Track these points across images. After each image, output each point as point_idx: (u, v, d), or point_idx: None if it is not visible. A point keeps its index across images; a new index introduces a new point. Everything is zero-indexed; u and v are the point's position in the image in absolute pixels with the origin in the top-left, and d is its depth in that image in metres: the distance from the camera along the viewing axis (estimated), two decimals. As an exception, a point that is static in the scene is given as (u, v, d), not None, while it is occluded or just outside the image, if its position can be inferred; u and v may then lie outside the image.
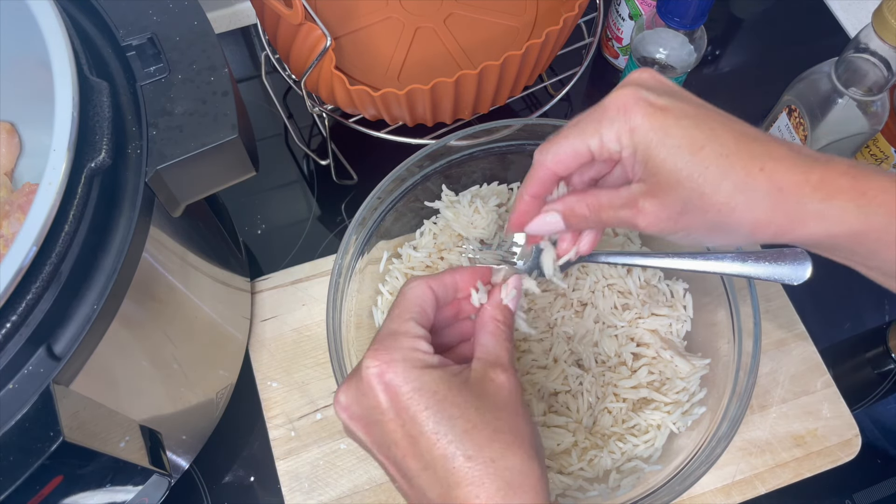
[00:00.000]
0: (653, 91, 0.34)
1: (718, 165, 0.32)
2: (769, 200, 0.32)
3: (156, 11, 0.40)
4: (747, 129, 0.33)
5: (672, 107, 0.33)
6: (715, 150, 0.32)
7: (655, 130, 0.33)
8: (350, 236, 0.50)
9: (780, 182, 0.31)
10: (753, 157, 0.32)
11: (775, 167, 0.32)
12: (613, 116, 0.34)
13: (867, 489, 0.55)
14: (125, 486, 0.38)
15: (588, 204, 0.37)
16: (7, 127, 0.43)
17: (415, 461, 0.33)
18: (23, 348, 0.32)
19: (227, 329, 0.52)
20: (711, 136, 0.32)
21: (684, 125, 0.33)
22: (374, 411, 0.34)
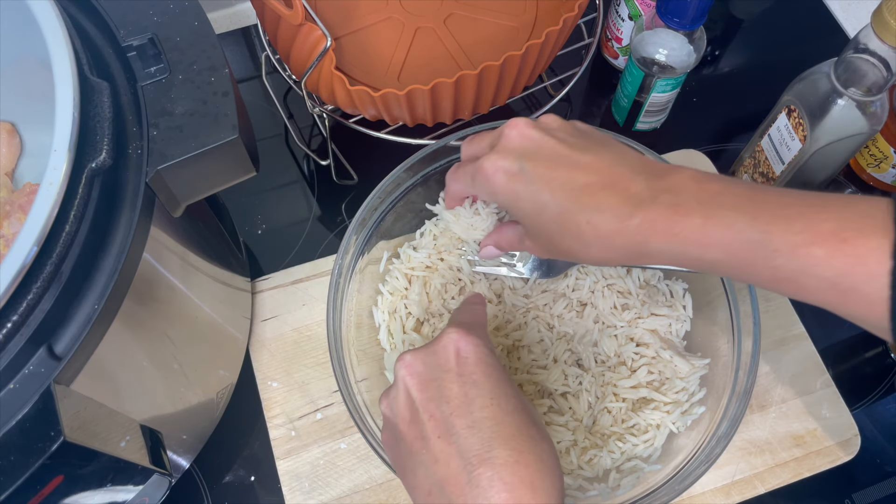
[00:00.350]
0: (512, 155, 0.40)
1: (557, 222, 0.39)
2: (598, 245, 0.38)
3: (156, 12, 0.40)
4: (587, 180, 0.38)
5: (524, 172, 0.39)
6: (554, 211, 0.39)
7: (509, 196, 0.40)
8: (350, 236, 0.50)
9: (604, 231, 0.37)
10: (583, 212, 0.38)
11: (599, 219, 0.37)
12: (481, 181, 0.41)
13: (867, 489, 0.55)
14: (126, 486, 0.38)
15: (505, 239, 0.47)
16: (8, 127, 0.43)
17: (462, 419, 0.35)
18: (23, 348, 0.32)
19: (227, 329, 0.52)
20: (551, 197, 0.38)
21: (532, 190, 0.39)
22: (438, 370, 0.38)
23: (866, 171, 0.65)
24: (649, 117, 0.66)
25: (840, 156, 0.56)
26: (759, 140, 0.60)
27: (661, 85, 0.61)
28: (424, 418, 0.36)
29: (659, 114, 0.66)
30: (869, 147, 0.63)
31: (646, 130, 0.68)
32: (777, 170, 0.58)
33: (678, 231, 0.36)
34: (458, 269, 0.53)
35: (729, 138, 0.69)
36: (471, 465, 0.34)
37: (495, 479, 0.33)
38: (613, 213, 0.37)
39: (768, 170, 0.60)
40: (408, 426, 0.37)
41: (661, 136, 0.69)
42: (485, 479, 0.33)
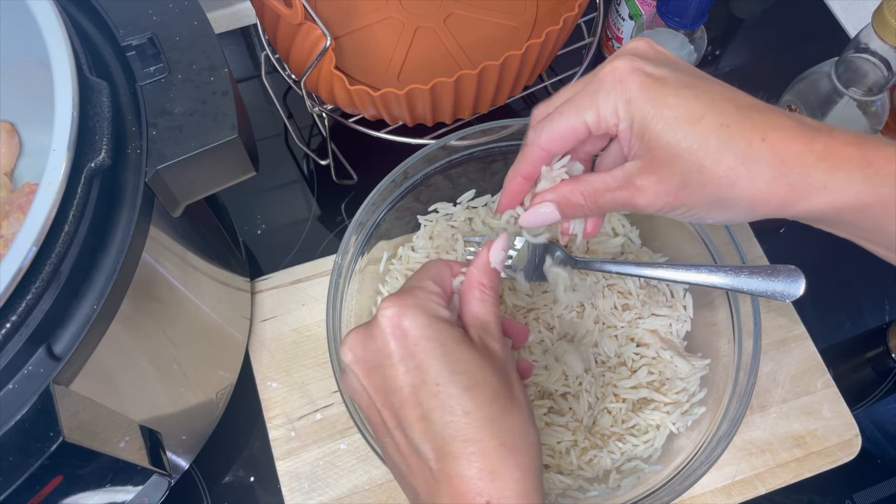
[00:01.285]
0: (650, 61, 0.33)
1: (718, 136, 0.31)
2: (771, 172, 0.30)
3: (156, 11, 0.40)
4: (750, 100, 0.32)
5: (670, 77, 0.32)
6: (715, 121, 0.31)
7: (653, 101, 0.32)
8: (350, 236, 0.50)
9: (783, 152, 0.30)
10: (755, 127, 0.31)
11: (778, 137, 0.30)
12: (610, 87, 0.33)
13: (867, 489, 0.55)
14: (125, 487, 0.38)
15: (583, 192, 0.35)
16: (7, 127, 0.43)
17: (413, 410, 0.33)
18: (23, 348, 0.32)
19: (227, 329, 0.52)
20: (711, 106, 0.31)
21: (683, 95, 0.32)
22: (379, 355, 0.34)
23: (867, 171, 0.65)
24: (649, 117, 0.66)
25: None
26: (760, 140, 0.60)
27: (661, 85, 0.61)
28: (379, 407, 0.34)
29: (659, 114, 0.65)
30: (869, 147, 0.63)
31: (646, 130, 0.68)
32: (777, 170, 0.58)
33: (873, 159, 0.30)
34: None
35: (729, 138, 0.69)
36: (429, 459, 0.32)
37: (453, 473, 0.32)
38: (795, 132, 0.30)
39: (769, 170, 0.60)
40: (368, 410, 0.35)
41: (661, 135, 0.69)
42: (443, 474, 0.32)
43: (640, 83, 0.32)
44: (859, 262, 0.63)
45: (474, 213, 0.56)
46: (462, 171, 0.55)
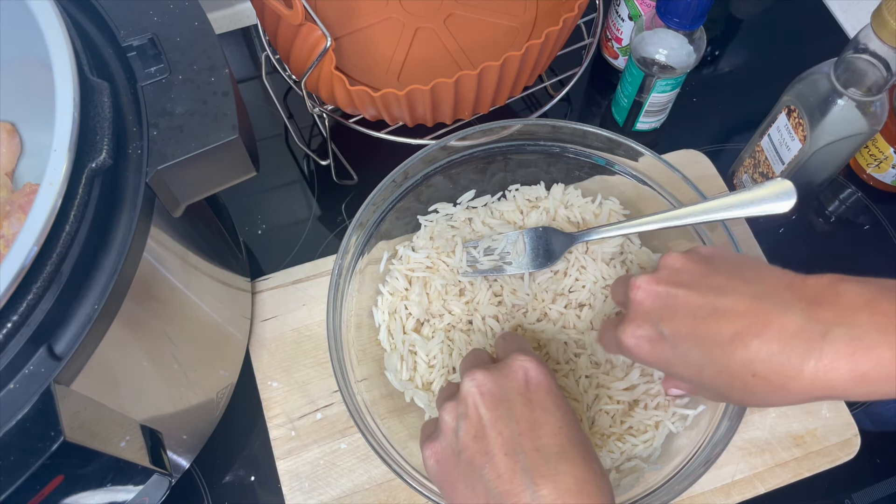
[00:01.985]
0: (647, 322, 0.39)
1: (720, 380, 0.36)
2: (773, 395, 0.35)
3: (156, 12, 0.40)
4: (734, 329, 0.35)
5: (664, 336, 0.38)
6: (712, 370, 0.36)
7: (660, 363, 0.39)
8: (350, 237, 0.50)
9: (776, 381, 0.34)
10: (744, 366, 0.35)
11: (765, 370, 0.34)
12: (628, 355, 0.41)
13: (867, 489, 0.55)
14: (126, 486, 0.38)
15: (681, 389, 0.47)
16: (8, 127, 0.43)
17: (531, 441, 0.36)
18: (24, 348, 0.32)
19: (227, 329, 0.52)
20: (705, 357, 0.37)
21: (680, 352, 0.38)
22: (511, 391, 0.38)
23: (866, 171, 0.65)
24: (649, 117, 0.66)
25: (840, 156, 0.56)
26: (759, 140, 0.60)
27: (661, 85, 0.61)
28: (492, 435, 0.36)
29: (659, 114, 0.66)
30: (869, 147, 0.63)
31: (646, 130, 0.68)
32: (777, 170, 0.58)
33: (866, 371, 0.32)
34: (458, 270, 0.53)
35: (729, 138, 0.69)
36: (534, 483, 0.34)
37: (558, 500, 0.34)
38: (778, 361, 0.34)
39: (768, 170, 0.60)
40: (472, 440, 0.37)
41: (661, 136, 0.69)
42: (549, 499, 0.34)
43: (644, 352, 0.39)
44: (859, 262, 0.63)
45: (474, 213, 0.56)
46: (462, 171, 0.55)
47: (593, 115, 0.71)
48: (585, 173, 0.56)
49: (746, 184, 0.63)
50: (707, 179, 0.63)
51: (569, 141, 0.54)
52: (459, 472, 0.37)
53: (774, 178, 0.43)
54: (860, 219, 0.66)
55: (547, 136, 0.54)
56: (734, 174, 0.66)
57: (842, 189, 0.67)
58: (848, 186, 0.67)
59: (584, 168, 0.55)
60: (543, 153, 0.55)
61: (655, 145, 0.69)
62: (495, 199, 0.57)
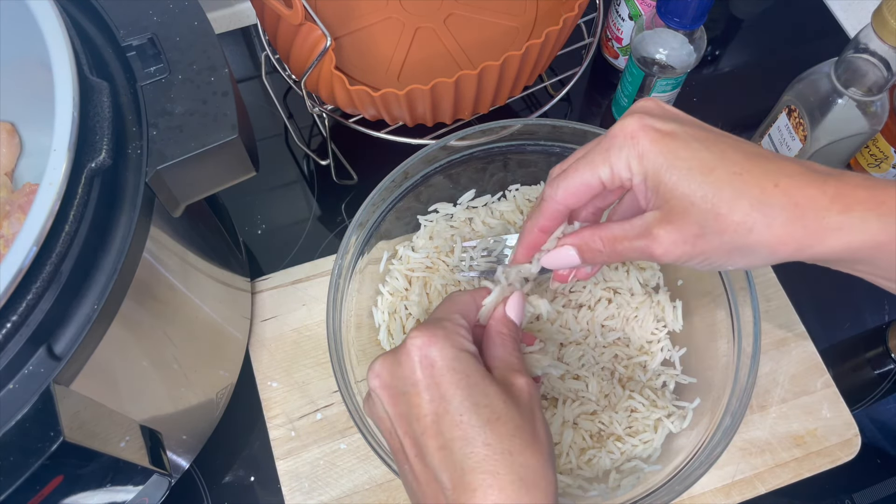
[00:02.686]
0: (658, 118, 0.34)
1: (732, 184, 0.32)
2: (786, 216, 0.31)
3: (156, 12, 0.40)
4: (757, 150, 0.33)
5: (679, 131, 0.33)
6: (727, 170, 0.32)
7: (665, 154, 0.33)
8: (350, 237, 0.50)
9: (797, 197, 0.31)
10: (767, 174, 0.32)
11: (790, 183, 0.31)
12: (622, 144, 0.34)
13: (867, 489, 0.55)
14: (125, 486, 0.38)
15: (602, 237, 0.36)
16: (7, 127, 0.43)
17: (434, 439, 0.34)
18: (23, 348, 0.32)
19: (227, 329, 0.52)
20: (722, 156, 0.32)
21: (693, 147, 0.33)
22: (405, 382, 0.35)
23: (867, 171, 0.65)
24: (649, 117, 0.66)
25: (840, 156, 0.56)
26: (760, 140, 0.60)
27: (661, 85, 0.61)
28: (400, 434, 0.35)
29: (659, 114, 0.65)
30: (869, 147, 0.63)
31: (646, 130, 0.68)
32: (777, 170, 0.58)
33: (885, 199, 0.30)
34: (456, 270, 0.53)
35: (729, 138, 0.69)
36: (447, 489, 0.33)
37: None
38: (806, 177, 0.31)
39: (768, 170, 0.60)
40: (389, 436, 0.36)
41: (661, 136, 0.69)
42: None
43: (651, 138, 0.33)
44: (859, 262, 0.63)
45: (474, 213, 0.56)
46: (462, 171, 0.55)
47: (593, 115, 0.71)
48: (585, 173, 0.56)
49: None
50: (707, 179, 0.63)
51: (569, 141, 0.54)
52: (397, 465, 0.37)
53: None
54: (860, 219, 0.65)
55: (547, 136, 0.54)
56: (734, 174, 0.65)
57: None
58: (848, 186, 0.67)
59: (585, 168, 0.55)
60: (543, 153, 0.55)
61: (655, 145, 0.68)
62: (495, 199, 0.57)
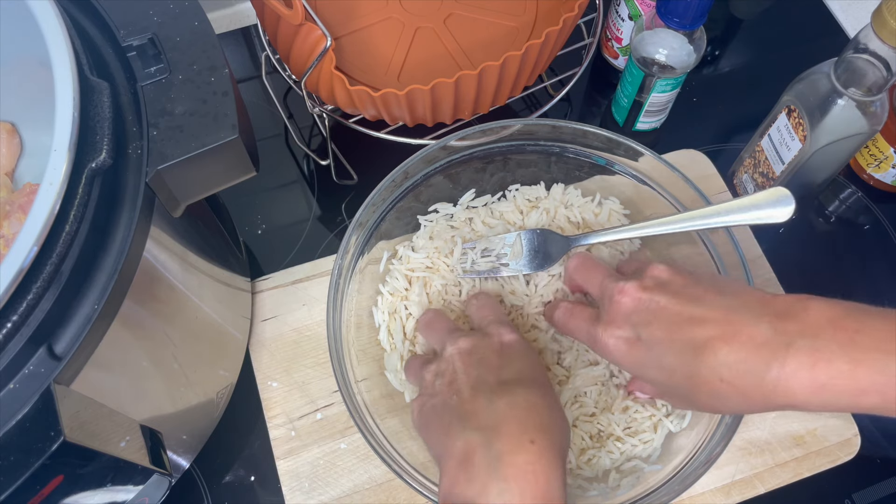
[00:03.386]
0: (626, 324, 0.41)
1: (689, 384, 0.38)
2: (737, 401, 0.37)
3: (156, 12, 0.40)
4: (708, 335, 0.37)
5: (641, 339, 0.40)
6: (682, 373, 0.38)
7: (634, 365, 0.41)
8: (350, 237, 0.50)
9: (741, 387, 0.36)
10: (712, 372, 0.37)
11: (732, 375, 0.36)
12: (601, 352, 0.43)
13: (867, 489, 0.55)
14: (126, 486, 0.38)
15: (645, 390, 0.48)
16: (7, 127, 0.43)
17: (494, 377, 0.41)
18: (23, 348, 0.32)
19: (227, 329, 0.52)
20: (677, 360, 0.38)
21: (655, 356, 0.39)
22: (485, 349, 0.43)
23: (866, 171, 0.65)
24: (649, 117, 0.66)
25: (840, 156, 0.56)
26: (759, 140, 0.60)
27: (661, 85, 0.61)
28: (462, 378, 0.41)
29: (659, 114, 0.66)
30: (869, 147, 0.63)
31: (646, 130, 0.68)
32: (777, 170, 0.58)
33: (824, 381, 0.34)
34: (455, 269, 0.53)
35: (729, 138, 0.69)
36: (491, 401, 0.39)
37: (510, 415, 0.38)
38: (744, 368, 0.36)
39: (768, 170, 0.60)
40: (447, 386, 0.42)
41: (661, 136, 0.69)
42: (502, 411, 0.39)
43: (620, 352, 0.41)
44: (859, 262, 0.63)
45: (474, 213, 0.56)
46: (462, 171, 0.55)
47: (593, 115, 0.71)
48: (585, 173, 0.56)
49: (746, 184, 0.63)
50: (707, 179, 0.63)
51: (569, 141, 0.54)
52: (435, 413, 0.42)
53: (773, 187, 0.44)
54: (860, 219, 0.66)
55: (547, 136, 0.54)
56: (734, 174, 0.65)
57: (842, 189, 0.67)
58: (848, 186, 0.67)
59: (584, 168, 0.55)
60: (543, 153, 0.55)
61: (655, 145, 0.69)
62: (495, 199, 0.57)
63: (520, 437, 0.37)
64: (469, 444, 0.38)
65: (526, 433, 0.37)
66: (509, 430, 0.38)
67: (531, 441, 0.37)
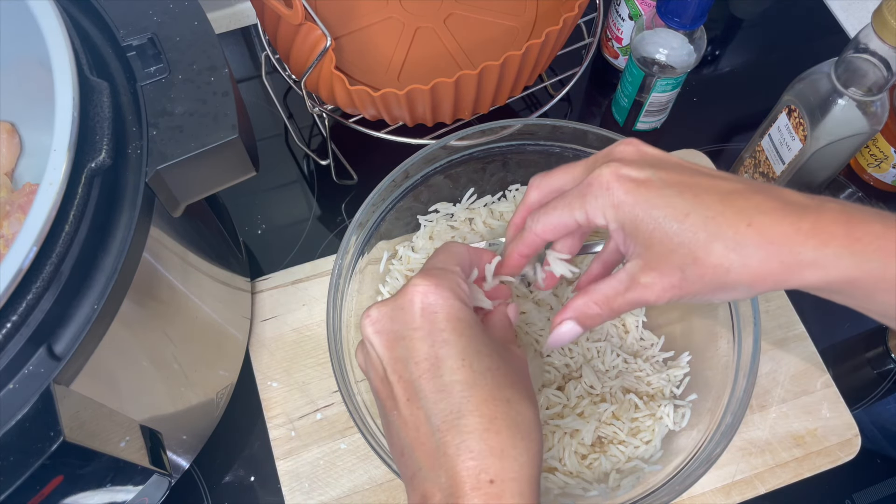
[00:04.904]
0: (634, 164, 0.35)
1: (706, 229, 0.33)
2: (762, 254, 0.32)
3: (156, 12, 0.40)
4: (734, 186, 0.34)
5: (653, 178, 0.34)
6: (701, 215, 0.33)
7: (640, 204, 0.34)
8: (350, 237, 0.50)
9: (770, 234, 0.32)
10: (740, 214, 0.32)
11: (763, 220, 0.32)
12: (597, 193, 0.35)
13: (867, 489, 0.55)
14: (125, 486, 0.38)
15: (596, 302, 0.37)
16: (7, 127, 0.43)
17: (431, 383, 0.34)
18: (23, 348, 0.32)
19: (227, 329, 0.52)
20: (695, 201, 0.33)
21: (667, 195, 0.34)
22: (405, 327, 0.35)
23: (867, 171, 0.65)
24: (649, 117, 0.66)
25: (840, 156, 0.56)
26: (760, 140, 0.60)
27: (661, 85, 0.61)
28: (393, 379, 0.35)
29: (659, 114, 0.66)
30: (869, 147, 0.63)
31: (646, 130, 0.68)
32: (777, 170, 0.58)
33: (860, 235, 0.31)
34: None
35: (729, 138, 0.69)
36: (439, 431, 0.33)
37: (462, 446, 0.32)
38: (781, 213, 0.32)
39: (768, 170, 0.60)
40: (380, 383, 0.36)
41: (661, 136, 0.69)
42: (452, 446, 0.33)
43: (625, 188, 0.34)
44: (859, 262, 0.63)
45: (474, 213, 0.56)
46: (462, 171, 0.55)
47: (593, 115, 0.71)
48: (585, 173, 0.56)
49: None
50: (707, 179, 0.63)
51: (569, 141, 0.54)
52: (381, 414, 0.37)
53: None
54: (860, 219, 0.65)
55: (547, 136, 0.54)
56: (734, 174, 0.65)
57: (842, 189, 0.67)
58: (848, 186, 0.67)
59: (585, 168, 0.55)
60: (543, 153, 0.55)
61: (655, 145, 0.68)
62: (495, 199, 0.57)
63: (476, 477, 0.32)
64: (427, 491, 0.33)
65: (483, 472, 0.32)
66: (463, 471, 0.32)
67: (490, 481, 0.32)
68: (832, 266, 0.31)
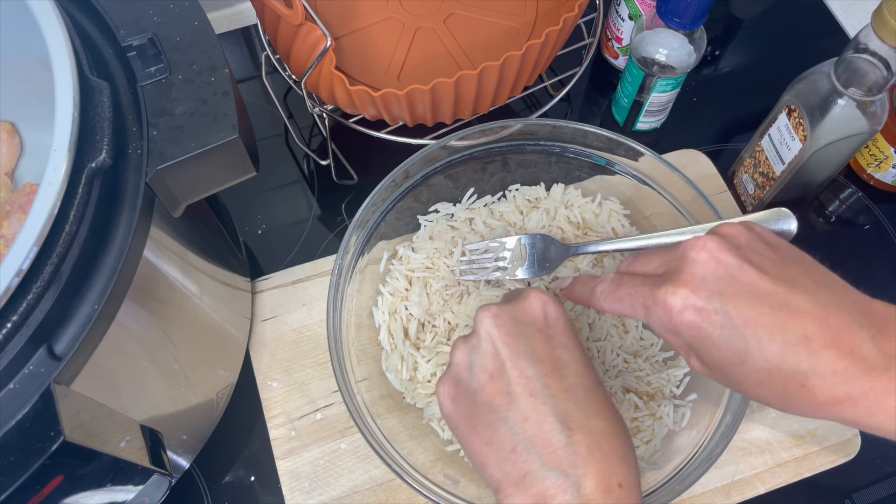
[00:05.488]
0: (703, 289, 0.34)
1: (759, 378, 0.34)
2: (807, 409, 0.33)
3: (156, 12, 0.40)
4: (810, 329, 0.33)
5: (724, 312, 0.34)
6: (758, 365, 0.33)
7: (698, 340, 0.35)
8: (350, 237, 0.50)
9: (821, 399, 0.32)
10: (796, 373, 0.33)
11: (818, 385, 0.32)
12: (660, 317, 0.35)
13: (867, 489, 0.55)
14: (126, 486, 0.38)
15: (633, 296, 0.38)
16: (7, 127, 0.43)
17: (557, 382, 0.35)
18: (23, 348, 0.32)
19: (227, 329, 0.52)
20: (758, 349, 0.33)
21: (731, 337, 0.34)
22: (529, 327, 0.37)
23: (866, 171, 0.65)
24: (649, 117, 0.66)
25: (840, 156, 0.56)
26: (760, 140, 0.60)
27: (661, 85, 0.61)
28: (513, 374, 0.35)
29: (659, 114, 0.66)
30: (869, 147, 0.63)
31: (646, 130, 0.68)
32: (777, 170, 0.58)
33: None
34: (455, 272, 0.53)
35: (729, 138, 0.69)
36: (568, 429, 0.33)
37: (594, 447, 0.33)
38: (837, 381, 0.32)
39: (768, 170, 0.60)
40: (490, 379, 0.35)
41: (661, 136, 0.69)
42: (584, 445, 0.33)
43: (689, 321, 0.34)
44: (859, 263, 0.63)
45: (474, 213, 0.56)
46: (462, 171, 0.55)
47: (593, 115, 0.71)
48: (585, 173, 0.56)
49: (746, 184, 0.63)
50: (707, 179, 0.63)
51: (569, 141, 0.54)
52: (477, 413, 0.35)
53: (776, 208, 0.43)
54: (860, 219, 0.66)
55: (547, 136, 0.54)
56: (734, 174, 0.65)
57: (842, 189, 0.67)
58: (848, 186, 0.67)
59: (584, 168, 0.55)
60: (543, 153, 0.55)
61: (655, 145, 0.69)
62: (495, 199, 0.57)
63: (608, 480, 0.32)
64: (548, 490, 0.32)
65: (614, 475, 0.32)
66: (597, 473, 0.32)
67: (619, 485, 0.32)
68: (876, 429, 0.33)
